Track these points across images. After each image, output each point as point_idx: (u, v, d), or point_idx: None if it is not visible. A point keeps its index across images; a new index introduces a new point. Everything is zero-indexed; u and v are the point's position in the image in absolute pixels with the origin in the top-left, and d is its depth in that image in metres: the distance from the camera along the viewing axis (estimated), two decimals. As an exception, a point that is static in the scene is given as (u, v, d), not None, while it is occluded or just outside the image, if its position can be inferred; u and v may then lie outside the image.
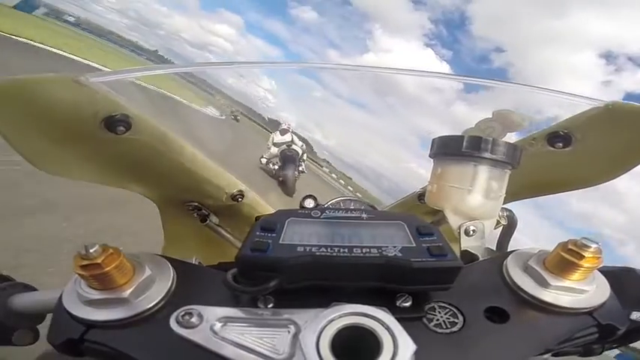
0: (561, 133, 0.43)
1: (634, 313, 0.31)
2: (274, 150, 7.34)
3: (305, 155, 7.80)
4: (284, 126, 7.69)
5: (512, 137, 0.43)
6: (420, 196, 0.63)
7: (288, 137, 7.36)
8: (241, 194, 0.59)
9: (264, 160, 7.56)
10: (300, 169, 7.45)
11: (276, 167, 7.23)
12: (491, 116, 0.42)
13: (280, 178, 7.00)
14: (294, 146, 7.27)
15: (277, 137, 7.42)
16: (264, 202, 0.63)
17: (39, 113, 0.36)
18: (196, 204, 0.58)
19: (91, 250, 0.24)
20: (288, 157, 7.11)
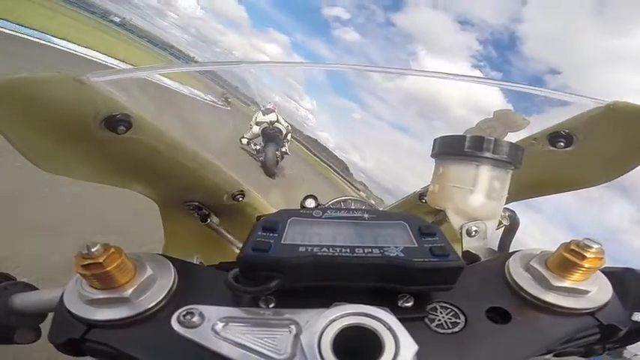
0: (563, 133, 0.43)
1: (636, 313, 0.30)
2: (256, 129, 6.90)
3: (290, 136, 7.38)
4: (269, 105, 7.27)
5: (512, 137, 0.43)
6: (421, 195, 0.63)
7: (272, 117, 6.92)
8: (242, 194, 0.59)
9: (244, 141, 7.11)
10: (284, 149, 7.11)
11: (258, 147, 6.89)
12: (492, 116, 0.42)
13: (261, 158, 6.70)
14: (277, 124, 6.84)
15: (260, 117, 6.99)
16: (265, 202, 0.63)
17: (40, 112, 0.36)
18: (197, 204, 0.58)
19: (93, 250, 0.24)
20: (269, 136, 6.71)
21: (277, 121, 6.90)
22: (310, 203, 0.56)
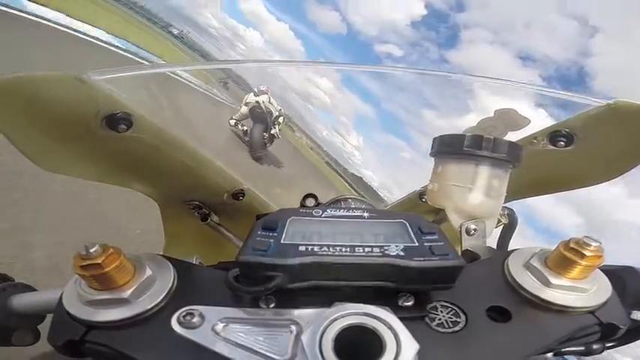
0: (563, 132, 0.43)
1: (635, 312, 0.31)
2: (244, 110, 6.46)
3: (282, 119, 6.90)
4: (262, 87, 6.73)
5: (513, 136, 0.43)
6: (421, 195, 0.63)
7: (264, 99, 6.45)
8: (242, 193, 0.58)
9: (232, 122, 6.66)
10: (273, 131, 6.62)
11: (246, 129, 6.46)
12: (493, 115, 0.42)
13: (247, 135, 6.34)
14: (267, 104, 6.34)
15: (250, 97, 6.54)
16: (266, 201, 0.63)
17: (40, 111, 0.36)
18: (197, 203, 0.58)
19: (91, 250, 0.24)
20: (257, 115, 6.25)
21: (269, 102, 6.47)
22: (310, 202, 0.56)
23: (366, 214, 0.32)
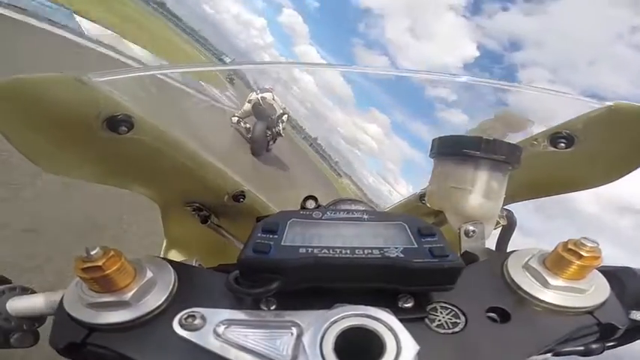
0: (563, 134, 0.43)
1: (634, 312, 0.31)
2: (247, 107, 6.43)
3: (286, 117, 6.82)
4: (266, 86, 6.74)
5: (514, 137, 0.43)
6: (421, 197, 0.63)
7: (267, 96, 6.41)
8: (242, 195, 0.59)
9: (235, 119, 6.66)
10: (277, 129, 6.61)
11: (248, 126, 6.47)
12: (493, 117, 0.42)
13: (250, 132, 6.30)
14: (270, 101, 6.31)
15: (254, 95, 6.52)
16: (266, 203, 0.63)
17: (41, 112, 0.36)
18: (198, 204, 0.58)
19: (92, 253, 0.24)
20: (259, 112, 6.19)
21: (273, 99, 6.45)
22: (310, 204, 0.56)
23: (365, 216, 0.32)
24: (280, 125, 6.76)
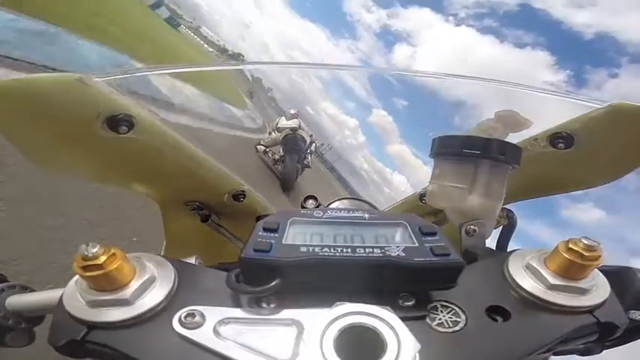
0: (564, 134, 0.43)
1: (634, 312, 0.31)
2: (276, 136, 6.00)
3: (314, 146, 6.50)
4: (292, 111, 6.34)
5: (514, 137, 0.43)
6: (422, 196, 0.63)
7: (294, 123, 6.02)
8: (243, 194, 0.59)
9: (261, 148, 6.16)
10: (306, 161, 6.24)
11: (276, 157, 6.01)
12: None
13: (278, 164, 5.86)
14: (300, 132, 5.94)
15: (282, 122, 6.13)
16: (266, 203, 0.64)
17: (42, 113, 0.36)
18: (198, 204, 0.58)
19: (92, 251, 0.24)
20: (291, 144, 5.79)
21: (300, 127, 6.03)
22: (311, 204, 0.57)
23: (366, 216, 0.32)
24: (309, 157, 6.43)
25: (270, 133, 6.26)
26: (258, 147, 6.23)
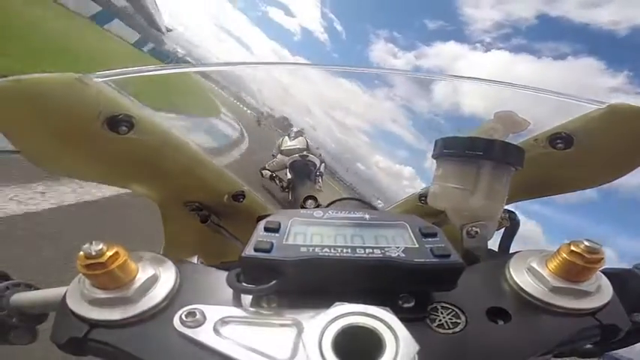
0: (563, 134, 0.43)
1: (636, 314, 0.31)
2: (282, 159, 5.29)
3: (323, 167, 5.62)
4: (295, 129, 5.66)
5: (513, 138, 0.43)
6: (421, 196, 0.63)
7: (300, 143, 5.36)
8: (242, 195, 0.59)
9: (266, 173, 5.35)
10: (317, 186, 5.37)
11: (284, 184, 5.20)
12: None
13: (287, 190, 5.07)
14: (310, 155, 5.26)
15: (286, 142, 5.45)
16: (266, 203, 0.64)
17: (42, 112, 0.36)
18: (197, 204, 0.58)
19: (96, 249, 0.24)
20: (300, 168, 5.11)
21: (307, 148, 5.36)
22: (310, 204, 0.56)
23: (367, 216, 0.32)
24: (320, 180, 5.50)
25: (274, 156, 5.48)
26: (263, 172, 5.45)
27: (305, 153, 5.27)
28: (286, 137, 5.68)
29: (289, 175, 5.17)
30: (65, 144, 0.40)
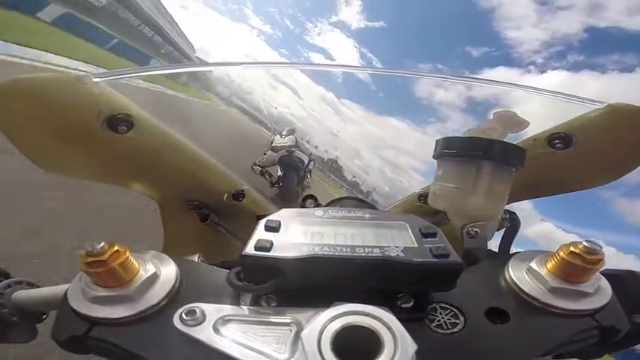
0: (562, 134, 0.43)
1: (636, 315, 0.31)
2: (271, 155, 5.50)
3: (312, 164, 5.87)
4: (287, 129, 5.94)
5: (512, 138, 0.43)
6: (420, 196, 0.63)
7: (290, 140, 5.60)
8: (242, 194, 0.59)
9: (257, 168, 5.55)
10: (306, 182, 5.68)
11: (273, 179, 5.42)
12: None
13: (276, 186, 5.28)
14: (297, 153, 5.45)
15: (278, 139, 5.69)
16: (265, 202, 0.64)
17: (42, 112, 0.36)
18: (197, 203, 0.58)
19: (98, 247, 0.24)
20: (289, 163, 5.29)
21: (296, 145, 5.55)
22: (310, 204, 0.56)
23: (367, 216, 0.32)
24: (309, 176, 5.75)
25: (265, 153, 5.66)
26: (254, 167, 5.63)
27: (292, 149, 5.43)
28: (277, 135, 5.89)
29: (280, 172, 5.36)
30: (65, 143, 0.40)
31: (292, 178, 5.29)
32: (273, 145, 5.67)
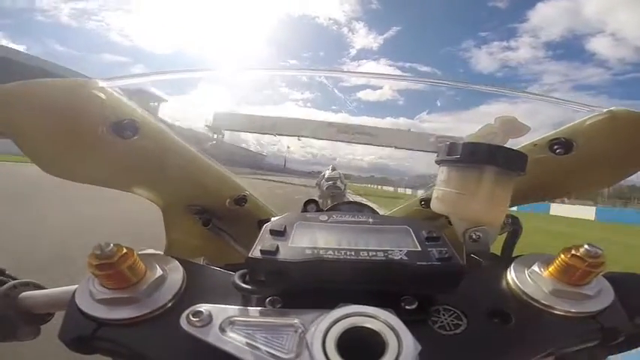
0: (562, 139, 0.43)
1: (638, 317, 0.31)
2: (325, 186, 6.53)
3: (345, 189, 7.04)
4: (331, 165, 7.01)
5: (513, 143, 0.43)
6: (422, 200, 0.63)
7: (336, 174, 6.64)
8: (244, 199, 0.59)
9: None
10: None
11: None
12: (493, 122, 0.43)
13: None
14: (338, 182, 6.46)
15: (328, 173, 6.72)
16: (267, 207, 0.64)
17: (48, 117, 0.37)
18: (199, 208, 0.59)
19: (106, 250, 0.24)
20: (336, 196, 6.34)
21: (339, 177, 6.56)
22: (312, 208, 0.57)
23: (370, 220, 0.33)
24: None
25: (319, 186, 6.73)
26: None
27: (336, 183, 6.06)
28: (329, 169, 6.47)
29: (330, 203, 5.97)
30: (71, 148, 0.41)
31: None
32: (327, 176, 6.22)
